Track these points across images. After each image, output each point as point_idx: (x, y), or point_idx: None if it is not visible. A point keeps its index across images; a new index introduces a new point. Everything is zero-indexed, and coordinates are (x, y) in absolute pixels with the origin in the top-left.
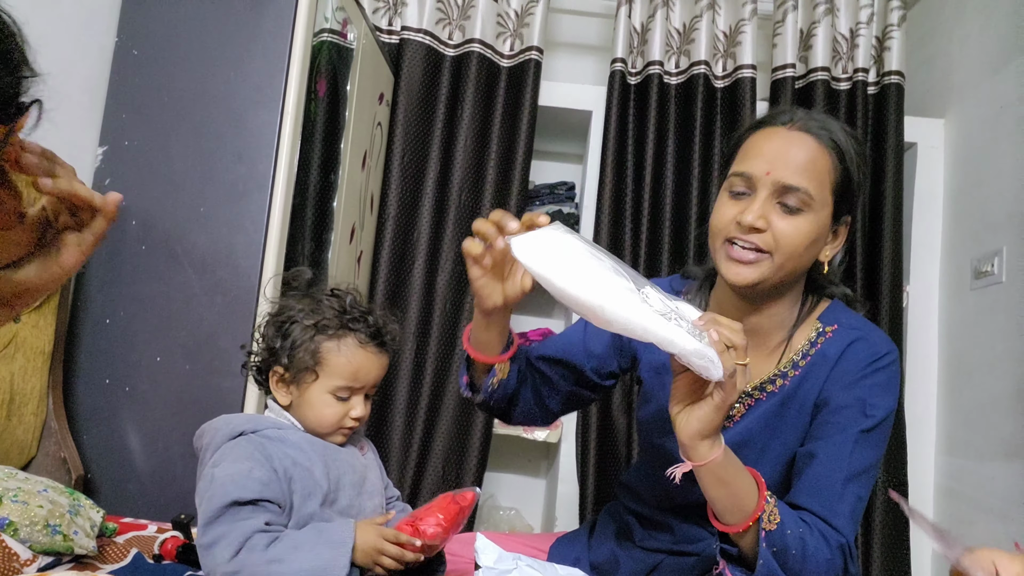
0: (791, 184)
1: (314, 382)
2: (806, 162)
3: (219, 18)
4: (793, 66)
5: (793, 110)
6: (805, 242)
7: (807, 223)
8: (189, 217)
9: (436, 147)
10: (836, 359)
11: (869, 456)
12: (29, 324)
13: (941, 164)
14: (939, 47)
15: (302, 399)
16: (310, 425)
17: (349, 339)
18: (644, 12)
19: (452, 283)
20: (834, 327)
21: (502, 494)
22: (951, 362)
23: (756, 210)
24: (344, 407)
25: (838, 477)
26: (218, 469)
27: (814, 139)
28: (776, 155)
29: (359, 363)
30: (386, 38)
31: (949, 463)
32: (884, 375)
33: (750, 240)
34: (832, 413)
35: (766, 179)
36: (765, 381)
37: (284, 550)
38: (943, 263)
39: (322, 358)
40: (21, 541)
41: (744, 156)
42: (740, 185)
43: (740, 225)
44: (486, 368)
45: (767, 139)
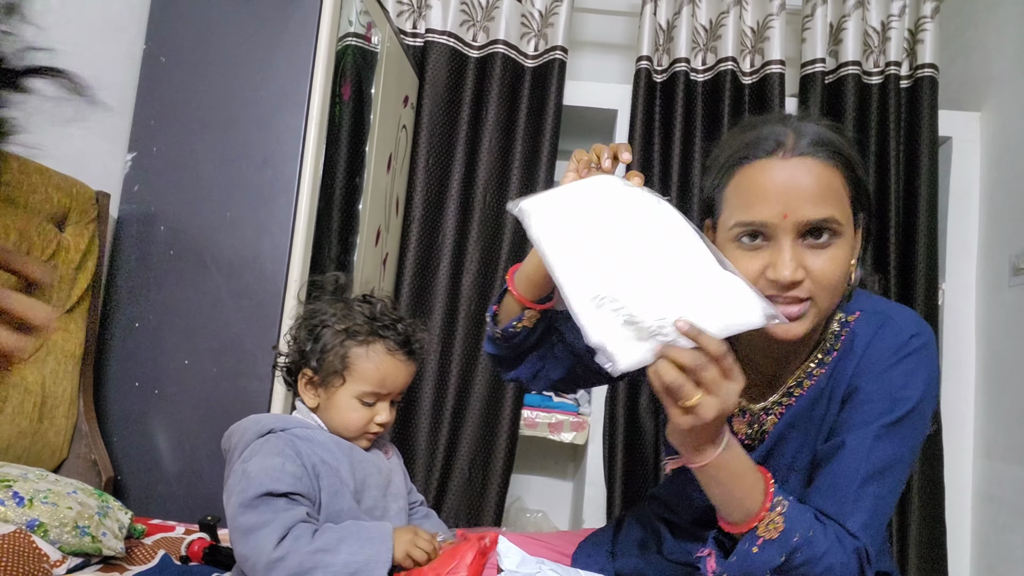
0: (817, 218)
1: (341, 386)
2: (822, 189)
3: (244, 24)
4: (823, 61)
5: (774, 129)
6: (843, 270)
7: (841, 251)
8: (216, 222)
9: (461, 149)
10: (864, 348)
11: (893, 451)
12: (60, 328)
13: (977, 158)
14: (974, 39)
15: (329, 402)
16: (336, 428)
17: (378, 345)
18: (670, 9)
19: (477, 284)
20: (856, 315)
21: (529, 496)
22: (989, 362)
23: (788, 262)
24: (370, 412)
25: (856, 476)
26: (250, 464)
27: (817, 160)
28: (785, 193)
29: (387, 370)
30: (410, 41)
31: (988, 467)
32: (913, 361)
33: (790, 295)
34: (856, 406)
35: (785, 223)
36: (792, 385)
37: (330, 541)
38: (980, 260)
39: (350, 363)
40: (51, 542)
41: (745, 202)
42: (752, 233)
43: (776, 283)
44: (518, 309)
45: (765, 176)
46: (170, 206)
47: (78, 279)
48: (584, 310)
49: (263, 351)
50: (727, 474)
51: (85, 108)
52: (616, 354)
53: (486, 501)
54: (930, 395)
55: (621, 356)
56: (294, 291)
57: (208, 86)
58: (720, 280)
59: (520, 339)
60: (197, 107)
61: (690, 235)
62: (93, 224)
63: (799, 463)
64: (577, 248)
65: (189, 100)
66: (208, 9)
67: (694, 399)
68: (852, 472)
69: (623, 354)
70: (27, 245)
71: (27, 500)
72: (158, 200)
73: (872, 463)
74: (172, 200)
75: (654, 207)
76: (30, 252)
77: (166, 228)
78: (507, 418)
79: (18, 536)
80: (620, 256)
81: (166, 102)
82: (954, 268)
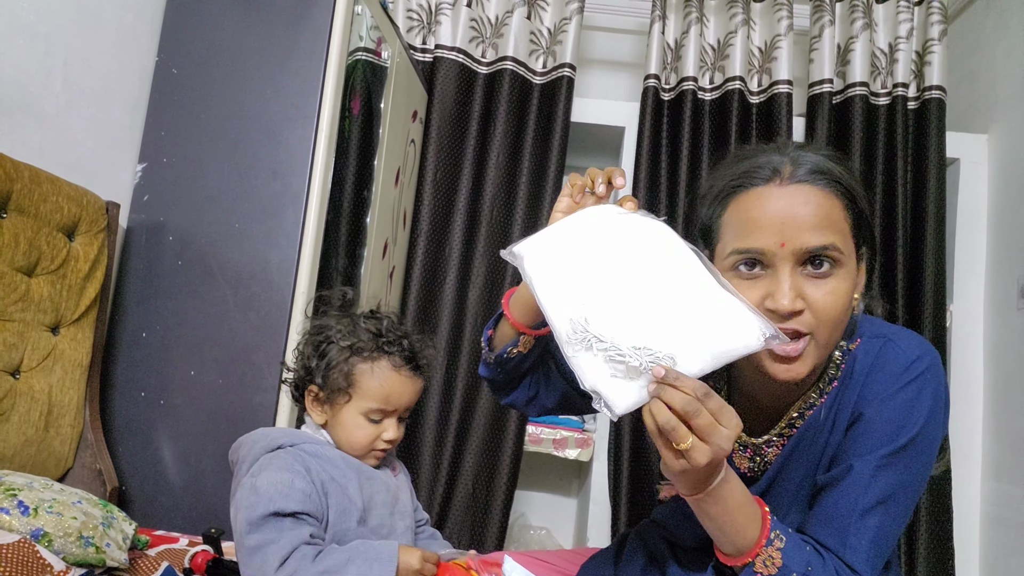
0: (816, 246)
1: (347, 403)
2: (821, 217)
3: (256, 38)
4: (831, 81)
5: (771, 158)
6: (845, 303)
7: (843, 283)
8: (225, 233)
9: (468, 164)
10: (865, 374)
11: (897, 480)
12: (68, 337)
13: (985, 180)
14: (981, 61)
15: (335, 419)
16: (342, 445)
17: (383, 362)
18: (678, 28)
19: (483, 299)
20: (856, 341)
21: (533, 513)
22: (998, 384)
23: (787, 291)
24: (376, 429)
25: (856, 507)
26: (259, 479)
27: (815, 188)
28: (783, 221)
29: (392, 386)
30: (420, 56)
31: (996, 490)
32: (916, 386)
33: (789, 327)
34: (859, 435)
35: (783, 251)
36: (794, 417)
37: (335, 562)
38: (988, 282)
39: (355, 380)
40: (55, 552)
41: (741, 230)
42: (750, 261)
43: (776, 313)
44: (513, 334)
45: (761, 204)
46: (179, 217)
47: (86, 288)
48: (575, 354)
49: (269, 363)
50: (721, 509)
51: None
52: (611, 398)
53: (490, 517)
54: (936, 421)
55: (616, 400)
56: (301, 303)
57: (219, 98)
58: (714, 305)
59: (514, 364)
60: (208, 119)
61: (684, 258)
62: (102, 234)
63: (801, 494)
64: (564, 287)
65: (200, 112)
66: (220, 23)
67: (686, 443)
68: (852, 503)
69: (618, 397)
70: (36, 254)
71: (32, 509)
72: (167, 211)
73: (873, 494)
74: (181, 211)
75: (647, 234)
76: (39, 261)
77: (175, 238)
78: (512, 434)
79: (22, 545)
80: (605, 291)
81: (177, 113)
82: (962, 290)
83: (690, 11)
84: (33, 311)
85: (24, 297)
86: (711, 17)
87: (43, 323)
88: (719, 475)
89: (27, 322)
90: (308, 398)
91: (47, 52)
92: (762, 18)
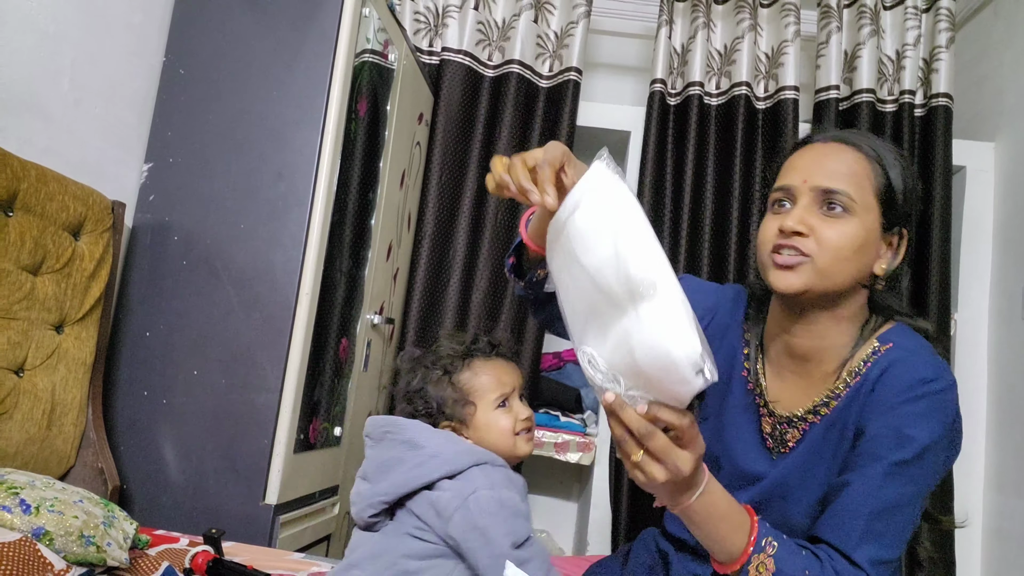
0: (828, 187)
1: (475, 412)
2: (842, 167)
3: (264, 39)
4: (837, 87)
5: (830, 129)
6: (850, 245)
7: (850, 226)
8: (229, 233)
9: (474, 166)
10: (875, 382)
11: (901, 491)
12: (72, 336)
13: (991, 188)
14: (989, 69)
15: (477, 431)
16: (497, 446)
17: (476, 361)
18: (685, 33)
19: (487, 301)
20: (888, 345)
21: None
22: (1001, 394)
23: (796, 215)
24: (510, 413)
25: (862, 511)
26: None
27: (849, 147)
28: (811, 164)
29: (495, 371)
30: (426, 59)
31: (999, 502)
32: (924, 404)
33: (792, 244)
34: (867, 442)
35: (803, 187)
36: (818, 404)
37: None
38: (993, 290)
39: (468, 390)
40: (56, 551)
41: (783, 174)
42: (781, 199)
43: (783, 232)
44: (538, 259)
45: (802, 154)
46: (184, 217)
47: (91, 287)
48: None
49: (272, 363)
50: (704, 517)
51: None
52: (601, 391)
53: None
54: (944, 443)
55: (604, 395)
56: (305, 304)
57: (226, 99)
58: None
59: (545, 286)
60: (215, 119)
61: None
62: (108, 233)
63: (809, 490)
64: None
65: (207, 112)
66: (228, 24)
67: (636, 455)
68: (859, 507)
69: (602, 395)
70: (42, 253)
71: (34, 508)
72: (173, 210)
73: (880, 500)
74: (187, 211)
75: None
76: (45, 260)
77: (180, 238)
78: None
79: (24, 544)
80: (581, 296)
81: (184, 114)
82: (967, 298)
83: (697, 16)
84: (38, 309)
85: (29, 295)
86: (718, 22)
87: (47, 321)
88: (697, 490)
89: (32, 320)
90: (448, 430)
91: (55, 52)
92: (769, 24)
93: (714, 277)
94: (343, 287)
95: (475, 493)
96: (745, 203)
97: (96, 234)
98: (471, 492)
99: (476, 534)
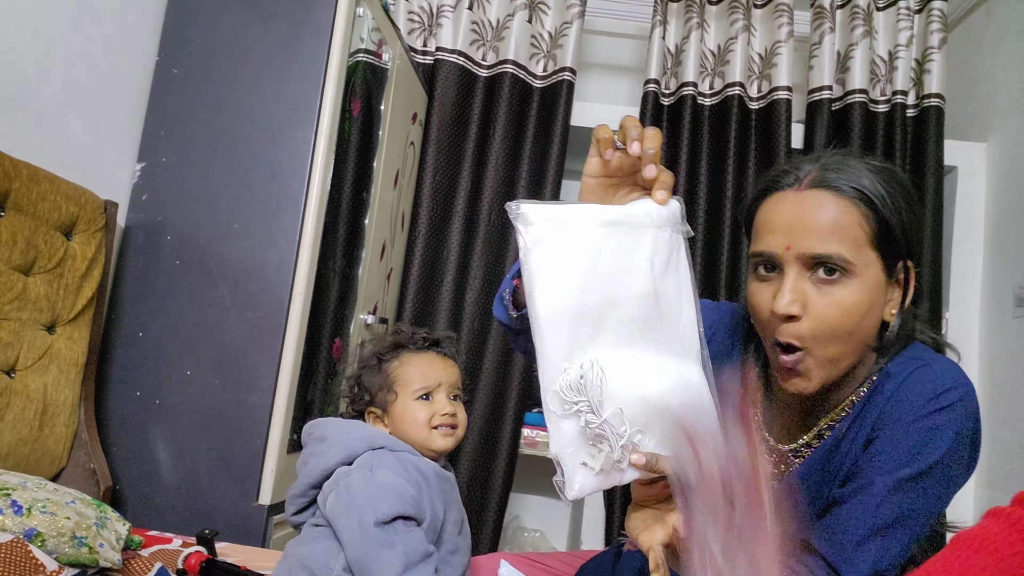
0: (818, 253)
1: (396, 400)
2: (829, 223)
3: (257, 38)
4: (830, 88)
5: (798, 165)
6: (855, 312)
7: (851, 293)
8: (223, 233)
9: (467, 166)
10: (893, 391)
11: (908, 506)
12: (64, 336)
13: (983, 188)
14: (981, 70)
15: (394, 420)
16: (410, 436)
17: (407, 353)
18: (678, 34)
19: (480, 302)
20: (895, 359)
21: (527, 516)
22: (992, 393)
23: (786, 293)
24: (430, 405)
25: (862, 526)
26: (377, 475)
27: (831, 193)
28: (791, 224)
29: (423, 365)
30: (420, 59)
31: (990, 497)
32: (943, 416)
33: (787, 335)
34: (876, 454)
35: (788, 254)
36: (823, 428)
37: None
38: (984, 290)
39: (393, 377)
40: (48, 552)
41: (758, 233)
42: (763, 267)
43: (776, 315)
44: None
45: (776, 208)
46: (177, 216)
47: (83, 288)
48: (557, 409)
49: (266, 363)
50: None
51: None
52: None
53: (484, 519)
54: (958, 455)
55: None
56: (299, 304)
57: (219, 98)
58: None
59: None
60: (208, 119)
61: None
62: (100, 233)
63: (814, 509)
64: (573, 305)
65: (200, 111)
66: (222, 23)
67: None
68: (859, 521)
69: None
70: (34, 253)
71: (26, 509)
72: (165, 210)
73: (882, 516)
74: (179, 210)
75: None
76: (37, 260)
77: (172, 238)
78: (507, 437)
79: (15, 545)
80: (617, 341)
81: (177, 113)
82: (958, 298)
83: (691, 16)
84: (29, 310)
85: (21, 296)
86: (712, 23)
87: (39, 322)
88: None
89: (23, 321)
90: (370, 420)
91: (48, 50)
92: (763, 24)
93: (706, 280)
94: (337, 287)
95: (351, 474)
96: (737, 204)
97: (88, 234)
98: (348, 473)
99: (342, 510)
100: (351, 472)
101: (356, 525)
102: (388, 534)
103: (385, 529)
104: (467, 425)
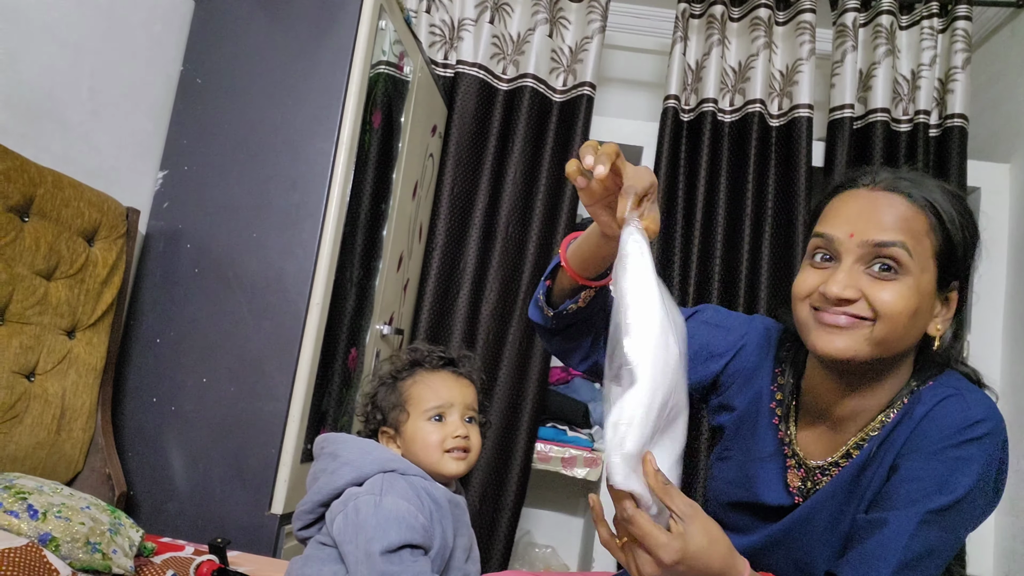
0: (882, 240)
1: (408, 420)
2: (896, 220)
3: (280, 50)
4: (852, 106)
5: (877, 170)
6: (907, 309)
7: (904, 287)
8: (242, 242)
9: (486, 179)
10: (922, 418)
11: (936, 539)
12: (83, 341)
13: (1006, 210)
14: (1005, 90)
15: (406, 441)
16: (421, 459)
17: (422, 372)
18: (699, 50)
19: (496, 314)
20: (928, 384)
21: (539, 531)
22: (1016, 416)
23: (842, 279)
24: (443, 427)
25: (891, 560)
26: (386, 500)
27: (904, 198)
28: (859, 215)
29: (438, 385)
30: (441, 71)
31: (1011, 523)
32: (972, 448)
33: (847, 310)
34: (903, 482)
35: (850, 242)
36: (852, 447)
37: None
38: (1007, 312)
39: (406, 396)
40: (62, 557)
41: (824, 219)
42: (822, 249)
43: (825, 297)
44: (571, 290)
45: (848, 201)
46: (198, 224)
47: (104, 293)
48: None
49: (282, 373)
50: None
51: None
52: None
53: (496, 534)
54: (983, 489)
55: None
56: (316, 314)
57: (242, 109)
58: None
59: (574, 320)
60: (230, 129)
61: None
62: (122, 239)
63: (838, 530)
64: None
65: (222, 122)
66: (246, 34)
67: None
68: (888, 555)
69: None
70: (56, 258)
71: (41, 513)
72: (186, 218)
73: (911, 550)
74: (200, 219)
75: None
76: (59, 265)
77: (192, 246)
78: (520, 451)
79: (30, 550)
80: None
81: (200, 123)
82: (980, 320)
83: (712, 33)
84: (50, 315)
85: (42, 301)
86: (733, 39)
87: (59, 327)
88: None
89: (44, 325)
90: (383, 440)
91: (75, 60)
92: (784, 42)
93: (725, 296)
94: (353, 297)
95: (359, 497)
96: (757, 221)
97: (110, 240)
98: (357, 496)
99: (349, 536)
100: (360, 495)
101: (363, 553)
102: (394, 564)
103: (391, 559)
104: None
